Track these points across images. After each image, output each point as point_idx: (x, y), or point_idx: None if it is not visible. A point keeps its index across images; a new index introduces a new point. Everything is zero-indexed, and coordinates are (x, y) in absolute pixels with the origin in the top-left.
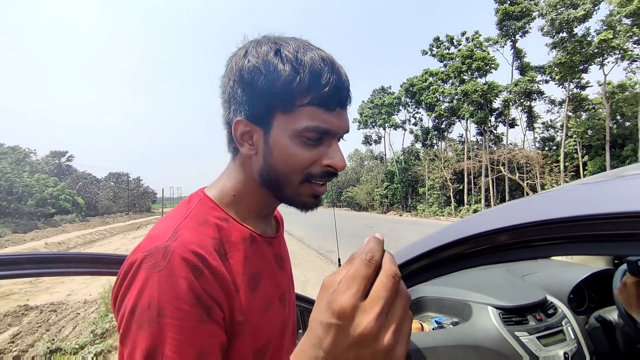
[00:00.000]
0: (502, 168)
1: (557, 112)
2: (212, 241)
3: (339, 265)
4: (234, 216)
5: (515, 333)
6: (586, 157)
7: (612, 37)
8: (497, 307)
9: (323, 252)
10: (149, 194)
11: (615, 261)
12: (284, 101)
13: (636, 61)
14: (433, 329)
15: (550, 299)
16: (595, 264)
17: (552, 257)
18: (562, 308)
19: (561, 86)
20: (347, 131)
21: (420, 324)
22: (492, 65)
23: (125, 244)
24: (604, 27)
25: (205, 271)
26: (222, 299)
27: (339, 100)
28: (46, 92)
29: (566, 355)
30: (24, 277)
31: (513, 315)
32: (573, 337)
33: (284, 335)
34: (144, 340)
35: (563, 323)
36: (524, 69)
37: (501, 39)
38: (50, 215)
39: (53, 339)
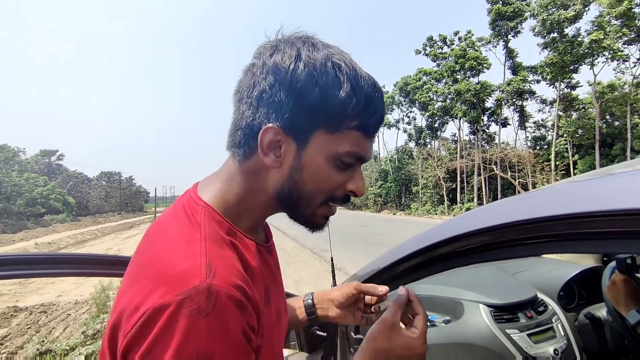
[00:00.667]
0: (494, 167)
1: (548, 111)
2: (238, 266)
3: (332, 263)
4: (240, 228)
5: (506, 330)
6: (576, 156)
7: (602, 37)
8: (489, 305)
9: (317, 250)
10: (141, 193)
11: (604, 259)
12: (332, 120)
13: (626, 61)
14: None
15: (541, 296)
16: (584, 261)
17: (543, 255)
18: (552, 305)
19: (552, 86)
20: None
21: None
22: (485, 65)
23: (117, 244)
24: (594, 28)
25: (248, 305)
26: (256, 324)
27: (379, 128)
28: (36, 90)
29: (556, 352)
30: (10, 278)
31: (504, 313)
32: (563, 334)
33: (282, 343)
34: None
35: (553, 320)
36: (516, 68)
37: (494, 38)
38: (40, 215)
39: (43, 341)
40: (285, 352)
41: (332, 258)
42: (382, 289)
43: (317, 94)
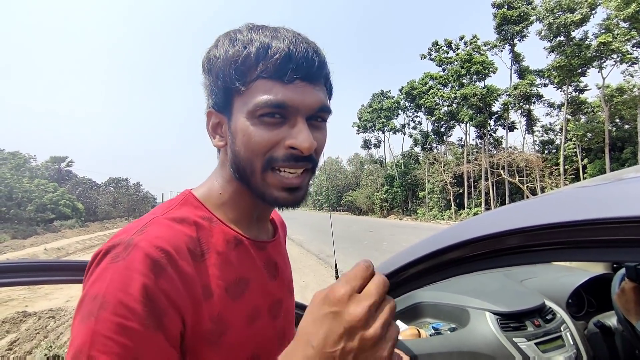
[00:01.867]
0: (502, 171)
1: (556, 115)
2: (186, 239)
3: (335, 269)
4: (220, 217)
5: (513, 339)
6: (586, 160)
7: (610, 40)
8: (495, 313)
9: (323, 256)
10: (148, 199)
11: (614, 265)
12: (237, 81)
13: (635, 64)
14: (430, 335)
15: (549, 304)
16: (594, 268)
17: (551, 262)
18: (561, 313)
19: (560, 89)
20: (318, 109)
21: (418, 330)
22: (491, 69)
23: None
24: (602, 31)
25: (168, 270)
26: (186, 304)
27: (297, 70)
28: (46, 97)
29: None
30: (19, 285)
31: (511, 321)
32: (572, 342)
33: (278, 349)
34: (80, 335)
35: (562, 329)
36: (522, 72)
37: (499, 43)
38: (50, 220)
39: (51, 346)
40: None
41: (335, 264)
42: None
43: (219, 64)
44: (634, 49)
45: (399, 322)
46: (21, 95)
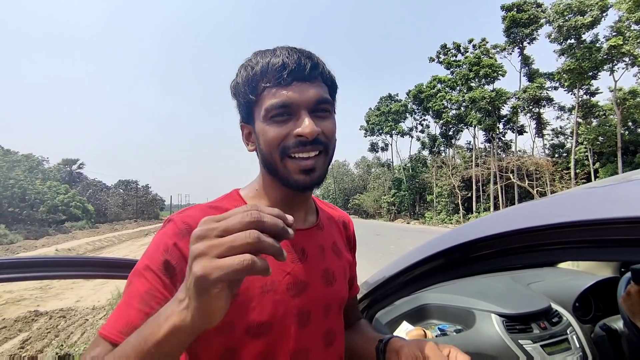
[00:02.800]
0: (511, 175)
1: (567, 118)
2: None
3: None
4: None
5: (519, 341)
6: (597, 164)
7: (622, 43)
8: (501, 315)
9: None
10: (157, 201)
11: (622, 269)
12: (250, 94)
13: None
14: (436, 336)
15: (555, 307)
16: (601, 271)
17: (558, 265)
18: (567, 316)
19: (570, 92)
20: (317, 101)
21: (424, 330)
22: (500, 72)
23: (134, 251)
24: (613, 34)
25: (187, 236)
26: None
27: (292, 73)
28: (59, 100)
29: None
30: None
31: (517, 323)
32: (578, 345)
33: (297, 326)
34: (136, 264)
35: (568, 332)
36: (532, 75)
37: (509, 46)
38: (61, 221)
39: (62, 345)
40: None
41: None
42: None
43: (239, 88)
44: None
45: (405, 323)
46: (34, 99)
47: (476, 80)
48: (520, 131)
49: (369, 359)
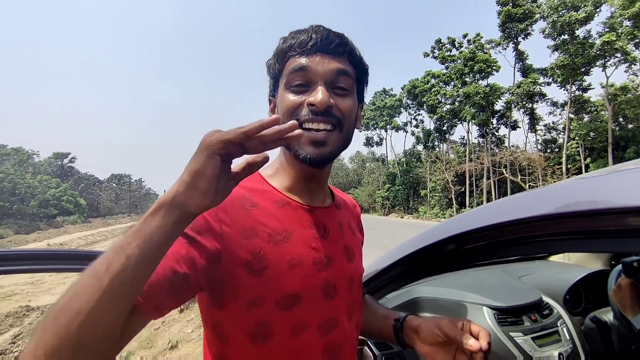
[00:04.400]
0: (504, 170)
1: (560, 114)
2: (237, 196)
3: None
4: (275, 185)
5: (510, 333)
6: (589, 159)
7: (615, 39)
8: (492, 308)
9: None
10: (150, 195)
11: (612, 262)
12: (278, 64)
13: (635, 64)
14: None
15: (546, 299)
16: (591, 264)
17: (549, 258)
18: (558, 309)
19: (563, 88)
20: (336, 73)
21: None
22: (494, 68)
23: None
24: (606, 30)
25: (219, 213)
26: (224, 235)
27: (316, 45)
28: (48, 93)
29: (561, 356)
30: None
31: (508, 316)
32: (568, 337)
33: (323, 297)
34: None
35: (558, 324)
36: (526, 71)
37: (503, 41)
38: (53, 216)
39: None
40: None
41: None
42: (477, 343)
43: (270, 63)
44: (635, 49)
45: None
46: (24, 92)
47: (470, 75)
48: (514, 126)
49: (384, 336)
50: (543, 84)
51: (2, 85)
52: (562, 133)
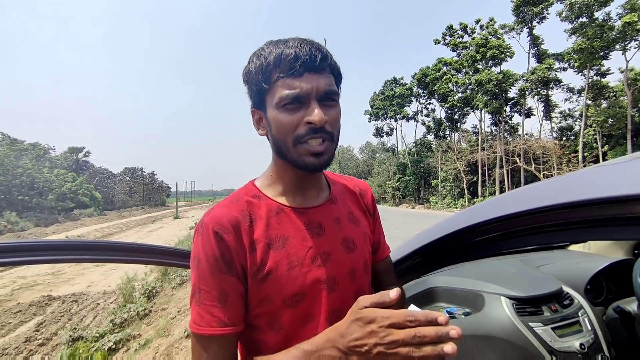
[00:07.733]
0: (517, 159)
1: (576, 100)
2: (237, 213)
3: None
4: (268, 194)
5: (529, 324)
6: (606, 147)
7: (636, 19)
8: (511, 298)
9: None
10: (163, 188)
11: (636, 251)
12: (264, 83)
13: None
14: None
15: (566, 289)
16: (613, 254)
17: (569, 247)
18: (579, 299)
19: (580, 74)
20: (325, 92)
21: None
22: (508, 54)
23: (141, 237)
24: (627, 11)
25: (224, 236)
26: (240, 255)
27: (304, 65)
28: (63, 89)
29: (582, 346)
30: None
31: (527, 306)
32: (590, 328)
33: (326, 292)
34: (193, 278)
35: (579, 314)
36: (541, 56)
37: (517, 25)
38: (70, 209)
39: (75, 328)
40: None
41: None
42: (391, 293)
43: (252, 75)
44: None
45: (412, 306)
46: (39, 88)
47: (483, 62)
48: (528, 114)
49: None
50: (559, 70)
51: (19, 82)
52: (578, 120)
